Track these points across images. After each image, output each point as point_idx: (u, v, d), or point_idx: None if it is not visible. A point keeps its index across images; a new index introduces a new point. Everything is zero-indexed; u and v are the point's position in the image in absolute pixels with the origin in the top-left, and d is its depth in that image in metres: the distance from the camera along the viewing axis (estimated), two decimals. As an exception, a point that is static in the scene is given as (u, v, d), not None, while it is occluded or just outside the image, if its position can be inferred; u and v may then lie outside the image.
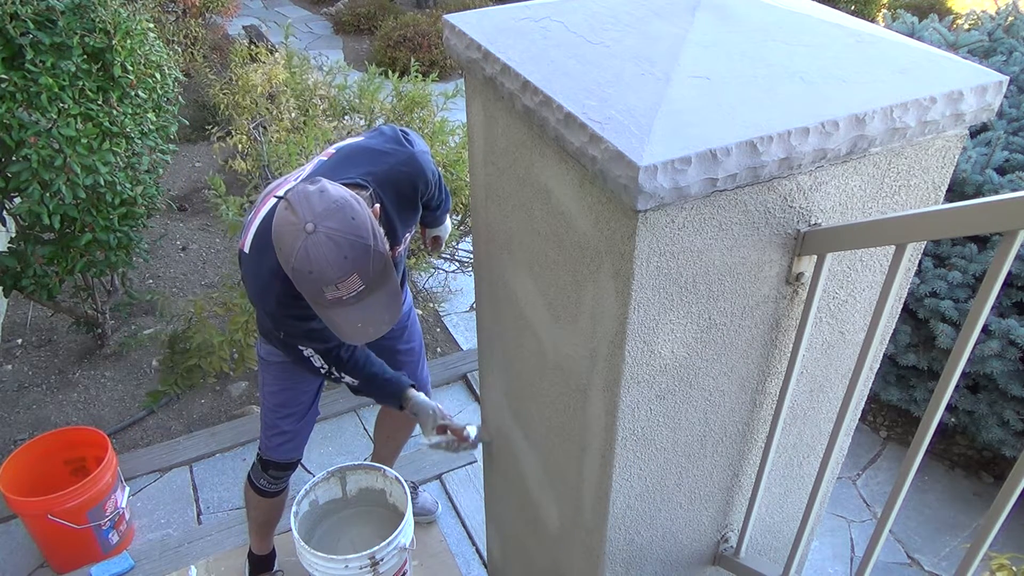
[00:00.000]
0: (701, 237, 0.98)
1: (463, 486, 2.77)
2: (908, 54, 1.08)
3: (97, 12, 2.68)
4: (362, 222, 1.41)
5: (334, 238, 1.37)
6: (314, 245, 1.36)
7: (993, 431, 2.73)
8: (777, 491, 1.41)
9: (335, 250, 1.37)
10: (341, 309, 1.44)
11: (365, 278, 1.42)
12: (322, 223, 1.37)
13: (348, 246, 1.38)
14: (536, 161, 1.15)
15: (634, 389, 1.08)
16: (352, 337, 1.50)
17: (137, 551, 2.49)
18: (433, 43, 6.44)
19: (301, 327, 1.65)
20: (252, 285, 1.64)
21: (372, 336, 1.50)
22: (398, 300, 1.52)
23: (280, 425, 2.02)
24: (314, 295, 1.43)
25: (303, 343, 1.71)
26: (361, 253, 1.40)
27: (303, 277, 1.40)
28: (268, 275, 1.57)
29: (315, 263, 1.37)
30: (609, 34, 1.15)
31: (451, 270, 3.71)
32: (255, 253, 1.61)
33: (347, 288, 1.41)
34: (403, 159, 1.69)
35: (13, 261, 2.64)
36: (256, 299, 1.66)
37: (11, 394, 3.22)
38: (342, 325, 1.47)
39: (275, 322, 1.66)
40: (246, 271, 1.65)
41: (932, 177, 1.11)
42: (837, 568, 2.65)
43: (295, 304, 1.57)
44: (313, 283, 1.40)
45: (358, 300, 1.44)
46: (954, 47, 3.17)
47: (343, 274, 1.39)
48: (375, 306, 1.47)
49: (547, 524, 1.53)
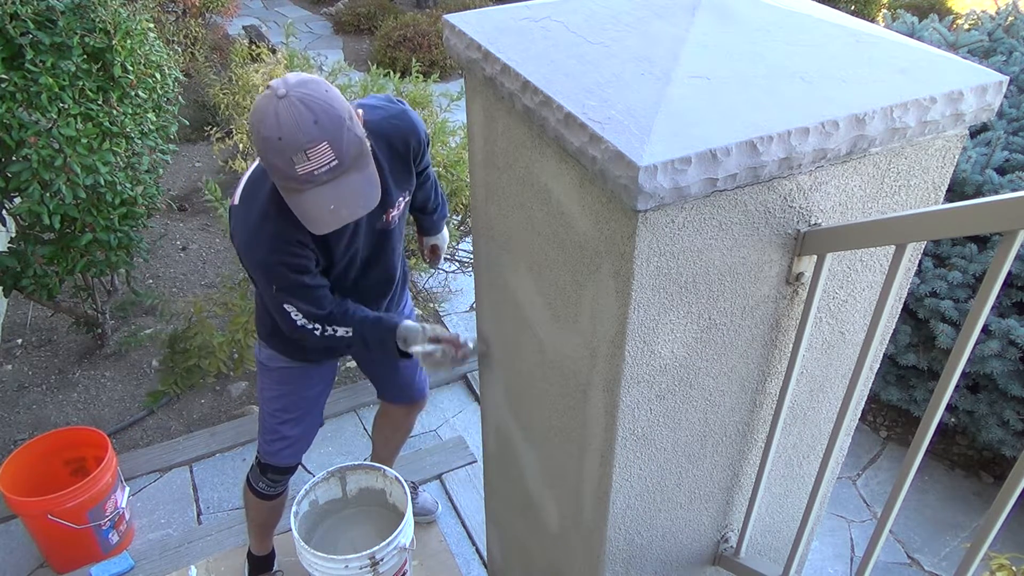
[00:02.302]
0: (701, 237, 0.98)
1: (463, 486, 2.77)
2: (908, 54, 1.08)
3: (97, 12, 2.68)
4: (337, 99, 1.37)
5: (305, 102, 1.33)
6: (284, 108, 1.32)
7: (993, 431, 2.73)
8: (777, 491, 1.41)
9: (306, 113, 1.32)
10: (313, 190, 1.38)
11: (338, 151, 1.36)
12: (295, 90, 1.33)
13: (320, 111, 1.33)
14: (536, 161, 1.15)
15: (634, 389, 1.08)
16: (323, 223, 1.43)
17: (137, 551, 2.49)
18: (433, 43, 6.44)
19: (293, 279, 1.59)
20: (242, 234, 1.58)
21: (346, 219, 1.44)
22: (376, 187, 1.46)
23: (281, 430, 2.01)
24: (284, 170, 1.36)
25: (294, 301, 1.64)
26: (334, 122, 1.35)
27: (272, 148, 1.34)
28: (257, 219, 1.54)
29: (285, 128, 1.32)
30: (609, 34, 1.15)
31: (451, 270, 3.71)
32: (244, 201, 1.58)
33: (318, 158, 1.35)
34: (395, 112, 1.69)
35: (13, 261, 2.64)
36: (246, 250, 1.59)
37: (11, 394, 3.22)
38: (313, 208, 1.41)
39: (267, 272, 1.59)
40: (235, 223, 1.60)
41: (932, 177, 1.11)
42: (837, 568, 2.65)
43: (286, 249, 1.54)
44: (282, 153, 1.34)
45: (331, 177, 1.38)
46: (954, 47, 3.17)
47: (312, 140, 1.33)
48: (350, 188, 1.41)
49: (547, 524, 1.53)
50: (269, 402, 2.00)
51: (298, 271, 1.58)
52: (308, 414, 2.04)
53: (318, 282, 1.66)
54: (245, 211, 1.57)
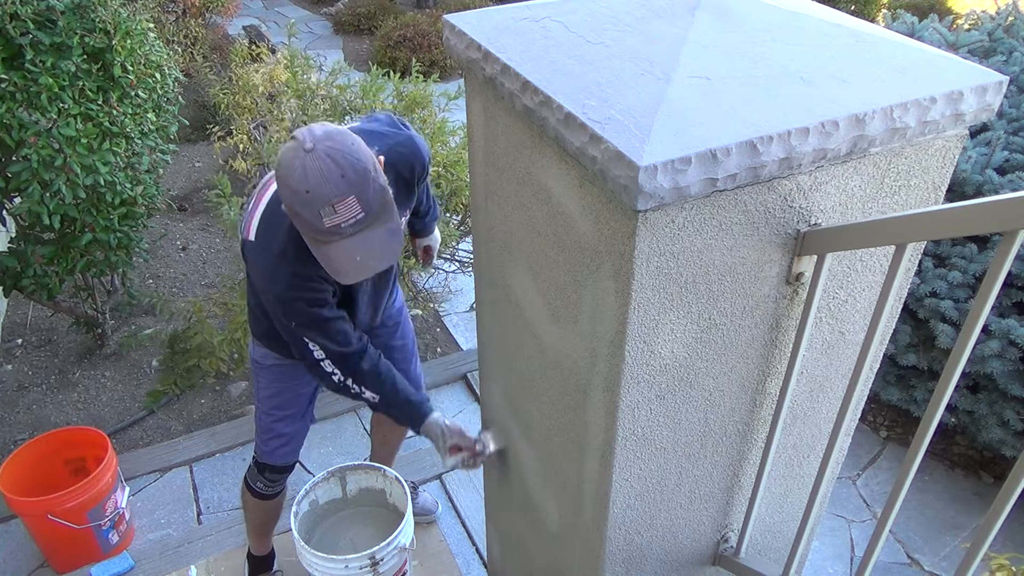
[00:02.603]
0: (701, 237, 0.98)
1: (463, 486, 2.77)
2: (908, 54, 1.08)
3: (97, 12, 2.68)
4: (363, 150, 1.39)
5: (332, 156, 1.34)
6: (312, 161, 1.33)
7: (993, 431, 2.73)
8: (777, 491, 1.41)
9: (333, 167, 1.34)
10: (339, 242, 1.40)
11: (364, 204, 1.38)
12: (321, 143, 1.35)
13: (348, 166, 1.35)
14: (536, 161, 1.15)
15: (634, 389, 1.08)
16: (350, 273, 1.45)
17: (137, 551, 2.49)
18: (433, 43, 6.44)
19: (312, 314, 1.61)
20: (260, 270, 1.61)
21: (372, 270, 1.46)
22: (399, 238, 1.49)
23: (276, 428, 2.01)
24: (312, 222, 1.38)
25: (314, 336, 1.66)
26: (360, 176, 1.37)
27: (300, 200, 1.36)
28: (277, 256, 1.55)
29: (312, 181, 1.34)
30: (609, 34, 1.15)
31: (451, 270, 3.71)
32: (261, 237, 1.59)
33: (345, 212, 1.37)
34: (402, 140, 1.70)
35: (13, 261, 2.64)
36: (264, 285, 1.61)
37: (11, 394, 3.22)
38: (339, 259, 1.43)
39: (285, 308, 1.61)
40: (252, 259, 1.62)
41: (932, 177, 1.11)
42: (837, 568, 2.65)
43: (305, 285, 1.56)
44: (310, 206, 1.35)
45: (357, 230, 1.40)
46: (954, 47, 3.17)
47: (340, 194, 1.35)
48: (375, 240, 1.43)
49: (547, 524, 1.53)
50: (264, 400, 2.01)
51: (316, 304, 1.60)
52: (302, 411, 2.05)
53: (336, 314, 1.66)
54: (263, 248, 1.59)
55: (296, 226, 1.44)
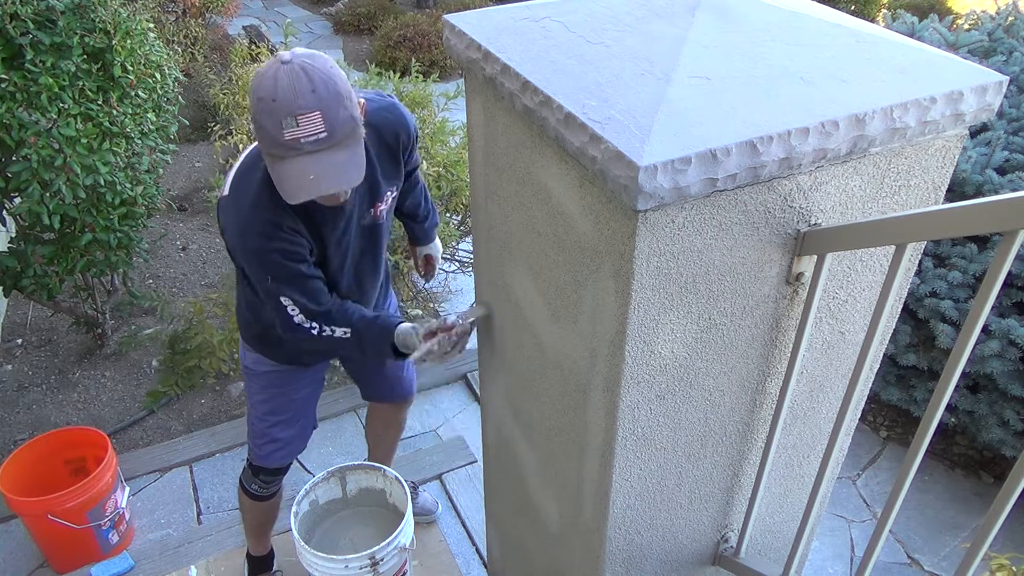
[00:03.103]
0: (701, 237, 0.98)
1: (463, 486, 2.77)
2: (908, 54, 1.08)
3: (97, 12, 2.68)
4: (341, 77, 1.36)
5: (307, 69, 1.32)
6: (285, 74, 1.31)
7: (993, 431, 2.73)
8: (777, 491, 1.41)
9: (305, 80, 1.31)
10: (295, 158, 1.35)
11: (328, 124, 1.34)
12: (299, 58, 1.33)
13: (320, 81, 1.32)
14: (536, 161, 1.15)
15: (634, 389, 1.08)
16: (300, 191, 1.38)
17: (137, 551, 2.49)
18: (433, 43, 6.44)
19: (289, 268, 1.56)
20: (233, 224, 1.55)
21: (323, 190, 1.39)
22: (361, 169, 1.43)
23: (271, 433, 1.98)
24: (272, 133, 1.33)
25: (291, 293, 1.60)
26: (331, 95, 1.33)
27: (265, 108, 1.32)
28: (249, 208, 1.52)
29: (281, 90, 1.30)
30: (609, 34, 1.15)
31: (451, 270, 3.71)
32: (234, 191, 1.56)
33: (308, 127, 1.32)
34: (386, 104, 1.68)
35: (13, 261, 2.64)
36: (239, 238, 1.55)
37: (11, 394, 3.22)
38: (291, 175, 1.37)
39: (261, 260, 1.56)
40: (226, 215, 1.57)
41: (932, 177, 1.11)
42: (837, 568, 2.65)
43: (280, 235, 1.52)
44: (273, 115, 1.31)
45: (317, 149, 1.35)
46: (954, 47, 3.17)
47: (306, 107, 1.31)
48: (334, 163, 1.38)
49: (547, 524, 1.53)
50: (257, 406, 1.98)
51: (293, 259, 1.56)
52: (300, 416, 2.02)
53: (313, 272, 1.63)
54: (236, 200, 1.55)
55: (259, 144, 1.40)
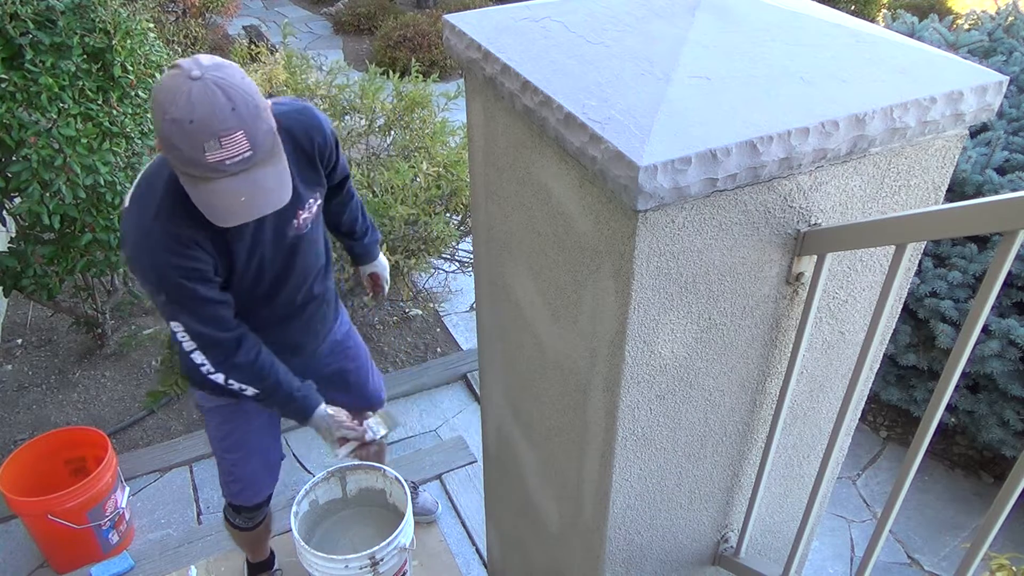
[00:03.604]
0: (701, 237, 0.98)
1: (463, 486, 2.77)
2: (908, 54, 1.08)
3: (97, 12, 2.68)
4: (253, 88, 1.28)
5: (222, 86, 1.23)
6: (199, 91, 1.22)
7: (993, 431, 2.73)
8: (777, 491, 1.41)
9: (223, 99, 1.23)
10: (221, 180, 1.28)
11: (252, 141, 1.27)
12: (210, 72, 1.24)
13: (239, 99, 1.24)
14: (536, 161, 1.15)
15: (634, 389, 1.08)
16: (232, 215, 1.31)
17: (137, 551, 2.49)
18: (433, 43, 6.44)
19: (187, 289, 1.44)
20: (131, 235, 1.43)
21: (257, 212, 1.32)
22: (288, 184, 1.37)
23: (234, 472, 1.91)
24: (192, 157, 1.25)
25: (186, 317, 1.47)
26: (251, 111, 1.26)
27: (181, 131, 1.23)
28: (151, 218, 1.40)
29: (198, 111, 1.21)
30: (609, 34, 1.15)
31: (451, 270, 3.71)
32: (135, 202, 1.44)
33: (232, 148, 1.25)
34: (298, 107, 1.60)
35: (13, 261, 2.64)
36: (136, 252, 1.43)
37: (11, 394, 3.22)
38: (220, 199, 1.29)
39: (158, 277, 1.43)
40: (125, 227, 1.45)
41: (932, 177, 1.11)
42: (837, 568, 2.65)
43: (181, 251, 1.41)
44: (192, 137, 1.23)
45: (242, 169, 1.28)
46: (954, 47, 3.17)
47: (229, 128, 1.23)
48: (263, 181, 1.31)
49: (547, 524, 1.53)
50: (216, 443, 1.89)
51: (190, 277, 1.43)
52: (258, 449, 1.91)
53: (216, 296, 1.50)
54: (136, 211, 1.44)
55: (170, 161, 1.31)
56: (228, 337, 1.54)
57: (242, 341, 1.57)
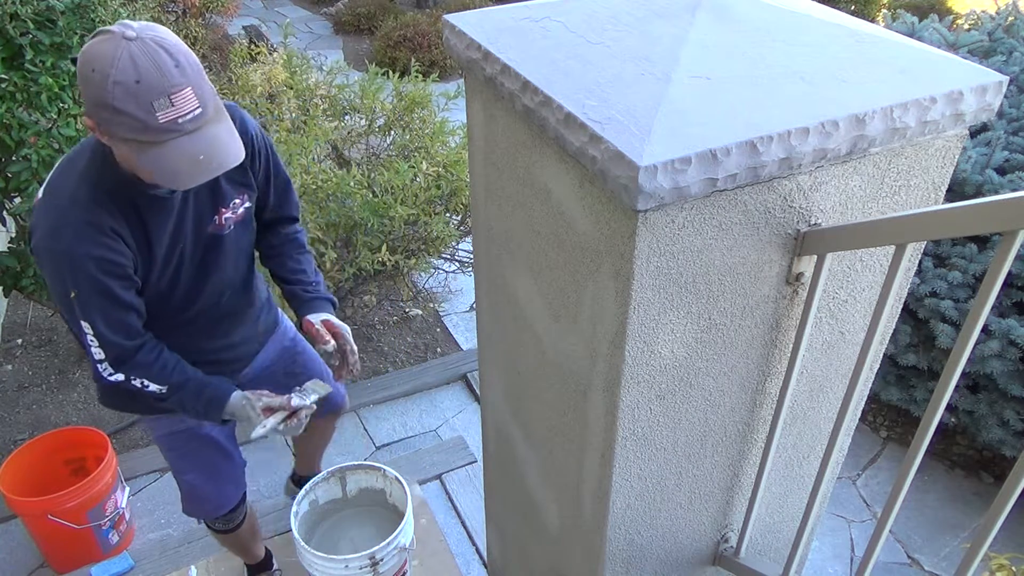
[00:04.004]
0: (701, 237, 0.98)
1: (463, 486, 2.77)
2: (908, 54, 1.08)
3: (97, 12, 2.68)
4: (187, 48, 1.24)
5: (162, 44, 1.19)
6: (140, 50, 1.17)
7: (993, 431, 2.73)
8: (777, 491, 1.41)
9: (166, 56, 1.18)
10: (176, 140, 1.22)
11: (201, 98, 1.22)
12: (145, 32, 1.19)
13: (181, 55, 1.20)
14: (536, 161, 1.15)
15: (634, 389, 1.08)
16: (191, 175, 1.25)
17: (137, 551, 2.49)
18: (433, 43, 6.44)
19: (98, 283, 1.35)
20: (43, 224, 1.33)
21: (218, 168, 1.27)
22: (238, 139, 1.32)
23: (195, 491, 1.87)
24: (142, 119, 1.19)
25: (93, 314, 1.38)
26: (195, 68, 1.22)
27: (126, 93, 1.16)
28: (66, 205, 1.32)
29: (143, 70, 1.16)
30: (609, 34, 1.15)
31: (451, 270, 3.71)
32: (48, 193, 1.36)
33: (183, 105, 1.20)
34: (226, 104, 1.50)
35: (13, 261, 2.64)
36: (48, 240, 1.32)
37: (11, 394, 3.22)
38: (177, 159, 1.23)
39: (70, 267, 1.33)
40: (38, 217, 1.35)
41: (932, 177, 1.11)
42: (837, 568, 2.65)
43: (98, 239, 1.32)
44: (138, 98, 1.17)
45: (195, 127, 1.23)
46: (954, 47, 3.17)
47: (177, 84, 1.19)
48: (215, 138, 1.26)
49: (547, 524, 1.53)
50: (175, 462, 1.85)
51: (107, 272, 1.35)
52: (212, 464, 1.86)
53: (128, 300, 1.42)
54: (51, 200, 1.35)
55: (114, 131, 1.23)
56: (132, 345, 1.47)
57: (144, 344, 1.50)
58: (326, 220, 2.87)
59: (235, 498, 1.94)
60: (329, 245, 2.88)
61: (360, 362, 1.91)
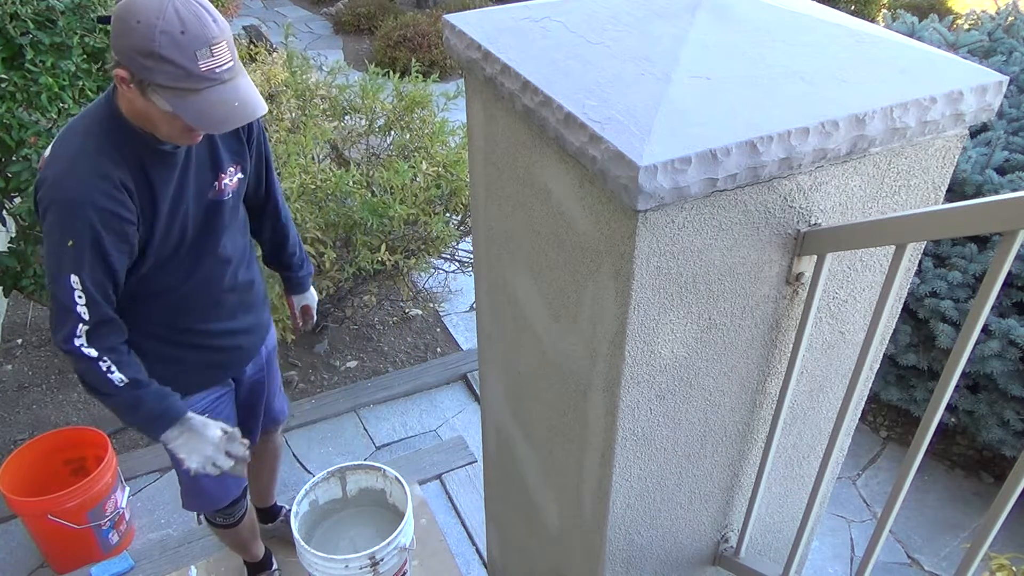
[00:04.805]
0: (701, 237, 0.98)
1: (463, 486, 2.77)
2: (908, 54, 1.08)
3: (97, 12, 2.68)
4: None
5: (201, 2, 1.31)
6: (182, 4, 1.27)
7: (993, 431, 2.73)
8: (777, 491, 1.41)
9: (203, 11, 1.29)
10: (214, 88, 1.32)
11: (232, 52, 1.34)
12: None
13: (213, 12, 1.31)
14: (536, 161, 1.15)
15: (634, 389, 1.08)
16: (229, 120, 1.35)
17: (137, 551, 2.49)
18: (433, 43, 6.44)
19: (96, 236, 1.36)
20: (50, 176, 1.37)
21: (250, 115, 1.37)
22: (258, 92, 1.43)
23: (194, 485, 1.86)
24: (186, 67, 1.28)
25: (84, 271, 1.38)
26: (225, 25, 1.33)
27: (171, 42, 1.26)
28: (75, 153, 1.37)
29: (188, 22, 1.27)
30: (609, 34, 1.15)
31: (451, 270, 3.71)
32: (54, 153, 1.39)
33: (221, 56, 1.31)
34: None
35: (13, 261, 2.64)
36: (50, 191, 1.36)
37: (11, 394, 3.22)
38: (215, 105, 1.33)
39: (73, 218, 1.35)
40: (43, 173, 1.38)
41: (932, 177, 1.11)
42: (837, 568, 2.65)
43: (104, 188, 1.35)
44: (184, 48, 1.27)
45: (231, 76, 1.34)
46: (954, 47, 3.17)
47: (215, 36, 1.29)
48: (246, 88, 1.37)
49: (547, 524, 1.53)
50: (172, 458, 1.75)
51: (107, 225, 1.37)
52: None
53: (115, 262, 1.41)
54: (59, 152, 1.39)
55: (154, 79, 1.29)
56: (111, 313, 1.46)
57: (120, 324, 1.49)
58: (325, 220, 2.87)
59: (235, 491, 1.95)
60: (328, 245, 2.88)
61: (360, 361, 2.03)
